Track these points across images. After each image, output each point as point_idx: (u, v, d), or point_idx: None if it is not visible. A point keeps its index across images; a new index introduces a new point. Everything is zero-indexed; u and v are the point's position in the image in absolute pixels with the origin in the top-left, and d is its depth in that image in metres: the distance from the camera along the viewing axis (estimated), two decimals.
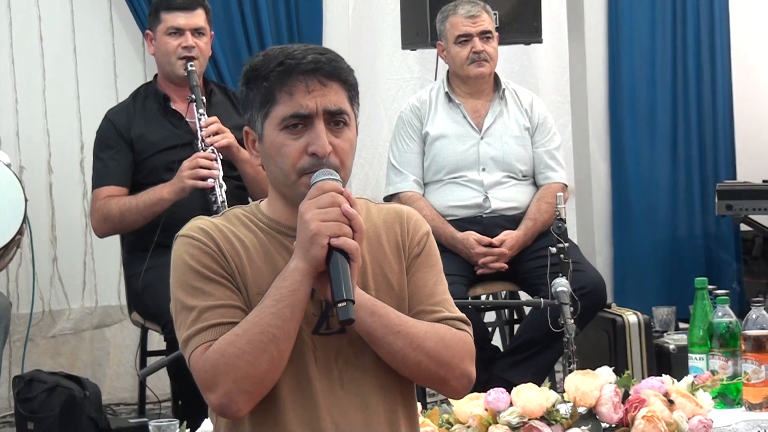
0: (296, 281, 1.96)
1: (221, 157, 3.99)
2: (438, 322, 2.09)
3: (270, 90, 2.03)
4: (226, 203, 3.90)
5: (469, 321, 2.15)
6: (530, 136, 4.44)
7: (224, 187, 3.94)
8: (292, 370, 2.00)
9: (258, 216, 2.11)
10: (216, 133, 4.00)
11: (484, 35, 4.37)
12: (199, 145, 4.00)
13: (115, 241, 4.38)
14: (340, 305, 1.93)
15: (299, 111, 2.02)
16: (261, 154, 2.09)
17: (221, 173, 3.96)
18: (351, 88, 2.08)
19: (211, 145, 3.97)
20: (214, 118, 4.04)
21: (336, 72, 2.05)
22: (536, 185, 4.44)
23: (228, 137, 4.02)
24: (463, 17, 4.38)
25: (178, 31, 4.12)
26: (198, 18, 4.15)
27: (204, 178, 3.93)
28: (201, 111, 4.03)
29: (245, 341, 1.96)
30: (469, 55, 4.35)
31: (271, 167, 2.07)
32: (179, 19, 4.12)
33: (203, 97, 4.09)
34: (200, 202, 4.00)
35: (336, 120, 2.04)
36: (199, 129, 4.02)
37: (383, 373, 2.06)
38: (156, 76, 4.27)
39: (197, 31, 4.14)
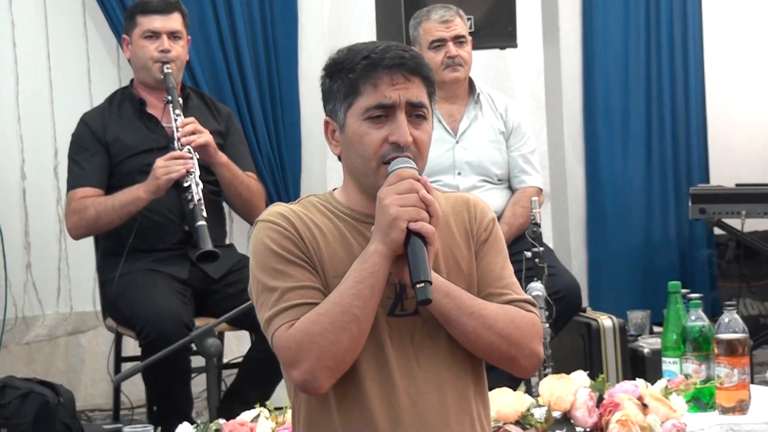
0: (376, 263, 2.06)
1: (197, 157, 3.97)
2: (507, 304, 2.18)
3: (355, 82, 2.14)
4: (202, 201, 3.89)
5: (536, 303, 2.25)
6: (505, 140, 4.45)
7: (200, 185, 3.91)
8: (370, 350, 2.10)
9: (333, 204, 2.22)
10: (193, 133, 3.98)
11: (458, 40, 4.37)
12: (175, 145, 3.98)
13: (89, 246, 4.36)
14: (418, 286, 2.02)
15: (383, 101, 2.12)
16: (341, 144, 2.19)
17: (197, 171, 3.93)
18: (431, 84, 2.18)
19: (188, 144, 3.96)
20: (192, 119, 4.03)
21: (419, 68, 2.15)
22: (511, 189, 4.46)
23: (205, 136, 4.00)
24: (436, 22, 4.38)
25: (155, 35, 4.11)
26: (174, 21, 4.14)
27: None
28: (177, 112, 4.01)
29: (328, 320, 2.05)
30: (443, 60, 4.35)
31: (352, 156, 2.17)
32: (155, 22, 4.11)
33: (180, 99, 4.07)
34: (176, 204, 4.00)
35: (417, 113, 2.15)
36: (175, 129, 3.99)
37: (456, 353, 2.16)
38: (132, 80, 4.26)
39: (174, 35, 4.13)
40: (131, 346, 4.35)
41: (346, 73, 2.15)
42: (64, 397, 3.95)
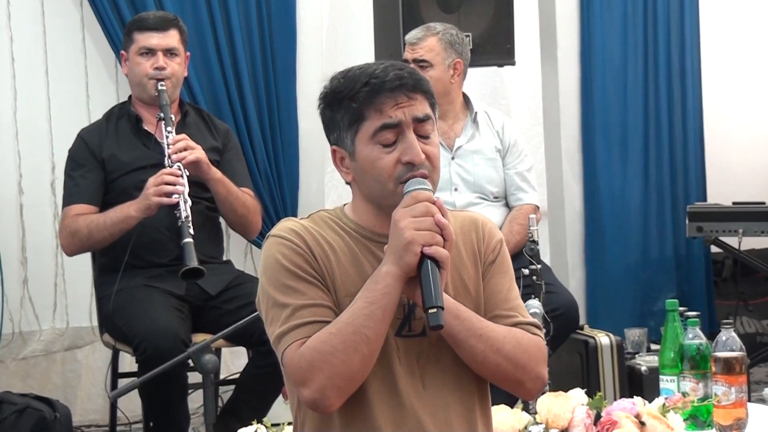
0: (388, 285, 2.07)
1: (187, 173, 3.97)
2: (513, 326, 2.20)
3: (359, 109, 2.14)
4: (190, 218, 3.89)
5: (541, 326, 2.26)
6: (502, 158, 4.45)
7: (189, 202, 3.91)
8: (378, 369, 2.11)
9: (344, 220, 2.22)
10: (185, 149, 3.99)
11: (419, 63, 4.27)
12: (166, 162, 3.99)
13: (86, 261, 4.36)
14: (430, 311, 2.03)
15: (389, 121, 2.13)
16: (352, 170, 2.19)
17: (186, 189, 3.93)
18: (431, 96, 2.20)
19: (178, 161, 3.96)
20: (183, 136, 4.03)
21: (419, 84, 2.17)
22: (508, 207, 4.46)
23: (197, 153, 4.00)
24: (407, 43, 4.35)
25: (150, 52, 4.12)
26: (171, 39, 4.15)
27: (169, 195, 3.91)
28: (169, 129, 4.02)
29: (339, 340, 2.05)
30: None
31: (367, 181, 2.17)
32: (151, 39, 4.12)
33: (173, 116, 4.07)
34: (168, 220, 3.99)
35: (423, 128, 2.16)
36: (166, 146, 4.00)
37: (462, 374, 2.18)
38: (130, 97, 4.27)
39: (170, 52, 4.14)
40: (128, 362, 4.34)
41: (349, 102, 2.15)
42: (60, 413, 3.95)
